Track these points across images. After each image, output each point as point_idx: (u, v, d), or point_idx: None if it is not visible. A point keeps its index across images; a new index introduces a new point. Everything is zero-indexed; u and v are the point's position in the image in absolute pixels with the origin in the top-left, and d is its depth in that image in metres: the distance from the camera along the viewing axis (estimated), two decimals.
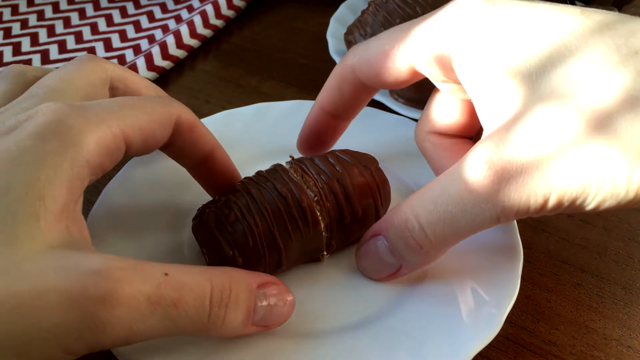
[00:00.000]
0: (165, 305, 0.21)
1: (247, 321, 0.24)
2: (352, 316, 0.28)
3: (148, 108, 0.25)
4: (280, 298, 0.26)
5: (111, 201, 0.33)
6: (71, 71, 0.28)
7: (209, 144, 0.29)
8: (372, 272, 0.29)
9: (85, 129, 0.22)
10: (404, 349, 0.26)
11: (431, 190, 0.25)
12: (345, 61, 0.30)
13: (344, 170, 0.29)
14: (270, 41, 0.53)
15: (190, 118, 0.27)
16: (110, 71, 0.30)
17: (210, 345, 0.26)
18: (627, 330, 0.30)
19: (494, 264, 0.29)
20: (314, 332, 0.27)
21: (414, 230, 0.25)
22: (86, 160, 0.22)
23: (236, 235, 0.27)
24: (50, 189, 0.21)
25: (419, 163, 0.33)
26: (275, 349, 0.26)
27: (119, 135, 0.23)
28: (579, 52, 0.22)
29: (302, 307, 0.28)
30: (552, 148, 0.21)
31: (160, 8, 0.56)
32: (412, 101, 0.41)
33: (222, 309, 0.23)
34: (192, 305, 0.22)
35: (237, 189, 0.29)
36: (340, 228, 0.29)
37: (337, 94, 0.30)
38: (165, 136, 0.26)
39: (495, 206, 0.23)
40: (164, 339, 0.26)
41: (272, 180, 0.29)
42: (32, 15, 0.55)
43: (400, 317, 0.27)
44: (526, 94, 0.22)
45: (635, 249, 0.34)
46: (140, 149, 0.25)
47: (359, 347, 0.26)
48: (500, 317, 0.26)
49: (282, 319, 0.26)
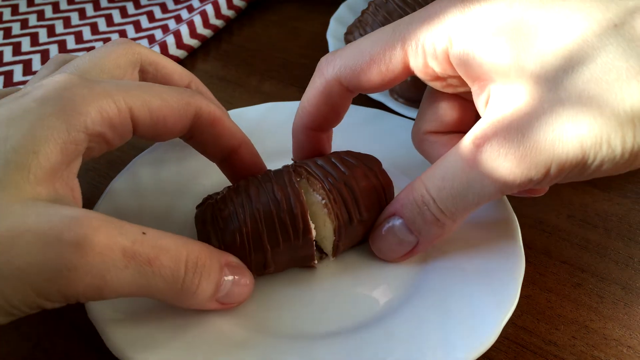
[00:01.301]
0: (140, 262, 0.22)
1: (214, 295, 0.25)
2: (349, 319, 0.28)
3: (164, 94, 0.26)
4: (242, 278, 0.27)
5: (115, 198, 0.33)
6: (101, 53, 0.29)
7: (234, 139, 0.29)
8: (389, 253, 0.29)
9: (89, 98, 0.23)
10: (398, 353, 0.26)
11: (439, 168, 0.26)
12: (326, 75, 0.29)
13: (350, 173, 0.29)
14: (270, 41, 0.53)
15: (212, 112, 0.28)
16: (141, 54, 0.31)
17: (210, 348, 0.26)
18: (627, 330, 0.30)
19: (493, 270, 0.29)
20: (310, 334, 0.27)
21: (430, 205, 0.26)
22: (84, 126, 0.23)
23: (226, 231, 0.27)
24: (45, 146, 0.22)
25: (420, 162, 0.33)
26: (272, 350, 0.26)
27: (125, 110, 0.24)
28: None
29: (300, 309, 0.28)
30: (547, 122, 0.22)
31: (160, 8, 0.56)
32: (412, 101, 0.41)
33: (196, 276, 0.24)
34: (167, 266, 0.23)
35: (240, 185, 0.29)
36: (348, 231, 0.29)
37: (324, 109, 0.30)
38: (181, 125, 0.27)
39: (497, 181, 0.24)
40: (165, 342, 0.26)
41: (273, 181, 0.29)
42: (32, 15, 0.55)
43: (397, 321, 0.27)
44: (529, 82, 0.23)
45: (635, 249, 0.34)
46: (149, 131, 0.26)
47: (354, 350, 0.26)
48: (497, 327, 0.26)
49: (241, 298, 0.27)
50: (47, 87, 0.23)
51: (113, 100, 0.24)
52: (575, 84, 0.22)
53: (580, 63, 0.22)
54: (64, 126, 0.23)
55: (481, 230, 0.31)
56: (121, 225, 0.22)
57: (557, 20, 0.22)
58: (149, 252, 0.22)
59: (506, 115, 0.23)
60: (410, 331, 0.27)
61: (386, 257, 0.30)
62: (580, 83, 0.21)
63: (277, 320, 0.28)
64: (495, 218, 0.31)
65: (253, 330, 0.27)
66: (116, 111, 0.24)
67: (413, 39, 0.26)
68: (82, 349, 0.29)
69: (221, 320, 0.27)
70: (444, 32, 0.25)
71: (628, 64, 0.21)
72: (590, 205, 0.36)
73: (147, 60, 0.31)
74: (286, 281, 0.30)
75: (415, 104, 0.41)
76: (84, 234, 0.21)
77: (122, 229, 0.22)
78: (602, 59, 0.21)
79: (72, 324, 0.30)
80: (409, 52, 0.26)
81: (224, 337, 0.27)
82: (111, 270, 0.21)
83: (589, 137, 0.21)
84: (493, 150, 0.23)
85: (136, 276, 0.22)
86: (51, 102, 0.23)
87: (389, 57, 0.27)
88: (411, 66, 0.27)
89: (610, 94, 0.21)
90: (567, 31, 0.22)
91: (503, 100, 0.24)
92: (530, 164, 0.22)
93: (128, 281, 0.22)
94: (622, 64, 0.21)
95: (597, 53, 0.21)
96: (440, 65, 0.26)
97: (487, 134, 0.24)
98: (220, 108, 0.29)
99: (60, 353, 0.29)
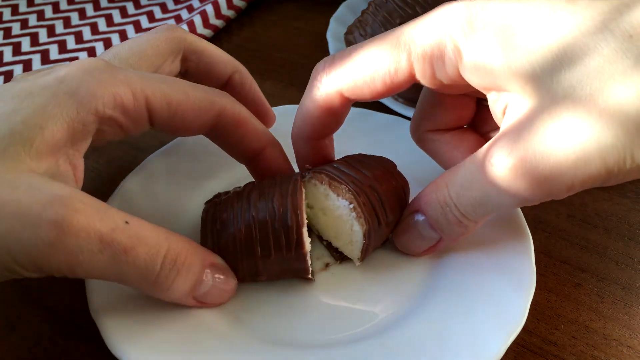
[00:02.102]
0: (116, 250, 0.22)
1: (191, 292, 0.26)
2: (345, 330, 0.28)
3: (187, 89, 0.27)
4: (225, 281, 0.27)
5: (127, 192, 0.33)
6: (142, 40, 0.30)
7: (258, 142, 0.29)
8: (412, 247, 0.30)
9: (106, 83, 0.24)
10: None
11: (459, 175, 0.26)
12: (326, 87, 0.27)
13: (372, 175, 0.29)
14: (270, 41, 0.53)
15: (237, 113, 0.28)
16: (185, 42, 0.31)
17: (205, 349, 0.26)
18: (627, 330, 0.30)
19: (499, 291, 0.28)
20: (305, 343, 0.27)
21: (452, 207, 0.26)
22: (95, 108, 0.24)
23: (221, 235, 0.28)
24: (52, 123, 0.23)
25: (420, 162, 0.33)
26: (270, 357, 0.26)
27: (141, 98, 0.25)
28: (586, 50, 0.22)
29: (296, 317, 0.28)
30: (569, 144, 0.21)
31: (160, 8, 0.56)
32: (412, 101, 0.41)
33: (172, 272, 0.24)
34: (142, 258, 0.23)
35: (245, 189, 0.29)
36: (377, 233, 0.29)
37: (325, 119, 0.29)
38: (201, 122, 0.27)
39: (516, 197, 0.23)
40: (160, 340, 0.26)
41: (278, 189, 0.28)
42: (32, 15, 0.55)
43: (395, 335, 0.27)
44: (540, 93, 0.22)
45: (635, 249, 0.34)
46: (166, 123, 0.27)
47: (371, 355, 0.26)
48: (498, 351, 0.25)
49: (221, 300, 0.27)
50: (71, 67, 0.24)
51: (130, 87, 0.25)
52: (593, 103, 0.21)
53: (592, 77, 0.21)
54: (75, 106, 0.23)
55: (488, 247, 0.30)
56: (105, 210, 0.23)
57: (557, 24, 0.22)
58: (126, 242, 0.23)
59: (523, 131, 0.22)
60: (408, 347, 0.26)
61: (409, 252, 0.30)
62: (602, 101, 0.21)
63: (274, 327, 0.28)
64: (505, 233, 0.31)
65: (253, 337, 0.27)
66: (131, 98, 0.25)
67: (420, 52, 0.25)
68: (82, 349, 0.29)
69: (222, 327, 0.27)
70: (452, 44, 0.24)
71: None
72: (590, 205, 0.36)
73: (190, 48, 0.32)
74: (285, 289, 0.30)
75: (415, 104, 0.41)
76: (63, 214, 0.21)
77: (105, 214, 0.23)
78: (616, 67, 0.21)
79: (72, 324, 0.30)
80: (415, 65, 0.25)
81: (224, 343, 0.27)
82: (85, 253, 0.22)
83: (612, 155, 0.21)
84: (511, 171, 0.23)
85: (110, 262, 0.22)
86: (69, 82, 0.24)
87: (394, 70, 0.26)
88: (417, 77, 0.26)
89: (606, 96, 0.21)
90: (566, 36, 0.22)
91: (520, 114, 0.23)
92: (552, 185, 0.22)
93: (101, 265, 0.22)
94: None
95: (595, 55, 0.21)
96: (449, 78, 0.25)
97: (503, 152, 0.23)
98: (245, 111, 0.29)
99: (60, 353, 0.29)
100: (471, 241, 0.30)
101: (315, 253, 0.31)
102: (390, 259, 0.31)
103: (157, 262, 0.24)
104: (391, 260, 0.31)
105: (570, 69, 0.21)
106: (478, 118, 0.31)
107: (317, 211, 0.31)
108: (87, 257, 0.22)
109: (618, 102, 0.20)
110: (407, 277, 0.30)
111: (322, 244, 0.32)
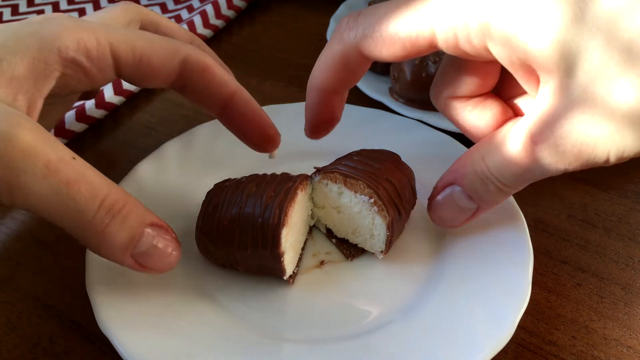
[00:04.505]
0: (59, 179, 0.22)
1: (127, 247, 0.24)
2: (332, 329, 0.28)
3: (152, 39, 0.27)
4: (167, 245, 0.26)
5: (139, 176, 0.34)
6: (100, 14, 0.31)
7: (226, 87, 0.29)
8: (450, 220, 0.30)
9: (70, 28, 0.25)
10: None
11: (498, 150, 0.26)
12: (346, 40, 0.28)
13: (384, 168, 0.30)
14: (270, 41, 0.53)
15: (202, 60, 0.28)
16: (141, 13, 0.32)
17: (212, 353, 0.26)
18: (627, 330, 0.30)
19: (492, 300, 0.28)
20: (318, 338, 0.27)
21: (493, 179, 0.27)
22: (57, 48, 0.24)
23: (210, 217, 0.29)
24: (12, 56, 0.24)
25: (420, 161, 0.33)
26: (277, 353, 0.26)
27: (104, 44, 0.26)
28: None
29: (285, 313, 0.29)
30: (587, 132, 0.23)
31: (160, 8, 0.56)
32: (412, 101, 0.41)
33: (108, 216, 0.24)
34: (83, 194, 0.23)
35: (246, 179, 0.30)
36: (398, 224, 0.30)
37: (341, 73, 0.29)
38: (167, 69, 0.28)
39: (560, 168, 0.24)
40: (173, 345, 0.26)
41: (273, 186, 0.29)
42: (32, 15, 0.55)
43: (380, 337, 0.27)
44: (564, 81, 0.23)
45: (635, 249, 0.34)
46: (132, 71, 0.27)
47: (357, 355, 0.26)
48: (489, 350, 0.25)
49: (162, 266, 0.26)
50: (39, 16, 0.26)
51: (94, 33, 0.25)
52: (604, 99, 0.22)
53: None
54: (37, 44, 0.24)
55: (484, 250, 0.30)
56: (55, 141, 0.23)
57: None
58: (71, 175, 0.23)
59: (559, 110, 0.23)
60: (392, 349, 0.26)
61: (447, 224, 0.30)
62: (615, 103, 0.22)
63: (266, 320, 0.28)
64: (505, 237, 0.31)
65: (253, 332, 0.28)
66: (94, 42, 0.25)
67: (445, 22, 0.25)
68: (82, 349, 0.29)
69: (222, 322, 0.28)
70: (481, 16, 0.24)
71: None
72: (590, 205, 0.36)
73: (147, 19, 0.33)
74: (279, 282, 0.30)
75: (415, 104, 0.41)
76: (11, 127, 0.22)
77: (55, 143, 0.23)
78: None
79: (72, 324, 0.30)
80: (438, 34, 0.25)
81: (220, 339, 0.27)
82: (28, 174, 0.22)
83: (624, 142, 0.22)
84: (551, 149, 0.24)
85: (50, 191, 0.22)
86: (34, 25, 0.25)
87: (415, 35, 0.25)
88: (439, 46, 0.26)
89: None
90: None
91: (557, 93, 0.23)
92: (589, 156, 0.23)
93: (41, 193, 0.22)
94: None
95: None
96: (474, 49, 0.25)
97: (545, 131, 0.24)
98: (214, 58, 0.29)
99: (60, 353, 0.29)
100: (467, 231, 0.31)
101: (312, 250, 0.32)
102: (386, 258, 0.31)
103: (96, 202, 0.23)
104: (386, 258, 0.31)
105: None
106: (501, 82, 0.30)
107: (329, 210, 0.31)
108: (30, 180, 0.22)
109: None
110: (402, 275, 0.30)
111: (331, 242, 0.32)
